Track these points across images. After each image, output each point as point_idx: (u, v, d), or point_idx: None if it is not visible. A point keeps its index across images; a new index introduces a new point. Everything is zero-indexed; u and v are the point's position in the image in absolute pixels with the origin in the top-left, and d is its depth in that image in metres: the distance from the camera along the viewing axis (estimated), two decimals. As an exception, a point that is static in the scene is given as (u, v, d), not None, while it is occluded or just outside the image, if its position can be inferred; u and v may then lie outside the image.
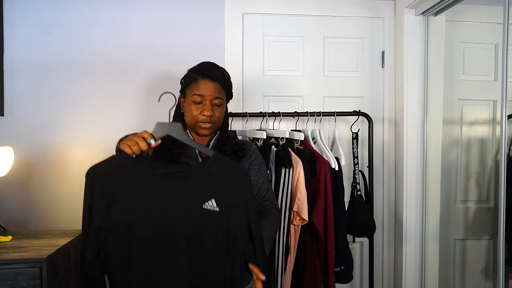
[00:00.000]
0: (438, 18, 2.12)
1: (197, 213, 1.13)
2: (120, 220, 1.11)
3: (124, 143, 1.15)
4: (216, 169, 1.16)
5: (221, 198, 1.14)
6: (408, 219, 2.16)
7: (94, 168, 1.12)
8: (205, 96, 1.37)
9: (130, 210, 1.11)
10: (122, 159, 1.14)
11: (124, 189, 1.11)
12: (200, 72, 1.40)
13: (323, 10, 2.22)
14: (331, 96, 2.25)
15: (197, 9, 2.13)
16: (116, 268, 1.12)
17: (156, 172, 1.13)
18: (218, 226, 1.14)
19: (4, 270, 1.52)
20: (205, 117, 1.36)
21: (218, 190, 1.15)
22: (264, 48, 2.21)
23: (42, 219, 2.04)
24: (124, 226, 1.11)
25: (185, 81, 1.44)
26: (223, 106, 1.42)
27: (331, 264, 1.74)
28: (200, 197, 1.14)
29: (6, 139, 1.98)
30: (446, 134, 2.26)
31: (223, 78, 1.42)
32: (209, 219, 1.13)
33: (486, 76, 2.29)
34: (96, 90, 2.07)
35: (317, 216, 1.72)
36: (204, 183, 1.15)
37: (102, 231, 1.11)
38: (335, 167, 1.81)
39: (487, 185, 2.33)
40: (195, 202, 1.13)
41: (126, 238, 1.11)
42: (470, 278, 2.35)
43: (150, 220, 1.12)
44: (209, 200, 1.13)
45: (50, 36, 2.04)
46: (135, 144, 1.14)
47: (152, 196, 1.12)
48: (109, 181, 1.11)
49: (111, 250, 1.11)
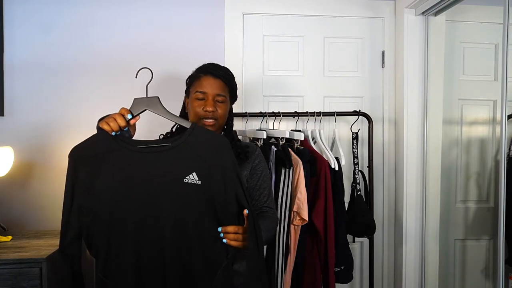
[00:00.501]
0: (438, 18, 2.12)
1: (179, 187, 1.11)
2: (102, 197, 1.10)
3: (103, 121, 1.16)
4: (194, 140, 1.14)
5: (202, 170, 1.12)
6: (408, 219, 2.16)
7: (76, 148, 1.12)
8: (207, 92, 1.37)
9: (111, 187, 1.11)
10: (102, 137, 1.14)
11: (105, 167, 1.11)
12: (203, 70, 1.42)
13: (323, 10, 2.22)
14: (331, 96, 2.25)
15: (197, 9, 2.13)
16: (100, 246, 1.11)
17: (135, 148, 1.13)
18: (202, 199, 1.12)
19: (4, 270, 1.52)
20: (207, 113, 1.36)
21: (198, 162, 1.12)
22: (264, 48, 2.21)
23: (42, 219, 2.03)
24: (106, 203, 1.10)
25: (189, 81, 1.46)
26: (226, 104, 1.42)
27: (331, 264, 1.74)
28: (181, 171, 1.12)
29: (6, 139, 1.98)
30: (446, 134, 2.26)
31: (226, 76, 1.42)
32: (192, 192, 1.11)
33: (486, 76, 2.29)
34: (96, 90, 2.07)
35: (317, 216, 1.72)
36: (184, 157, 1.12)
37: (84, 210, 1.11)
38: (335, 167, 1.81)
39: (487, 185, 2.33)
40: (176, 177, 1.11)
41: (108, 215, 1.10)
42: (470, 278, 2.35)
43: (132, 197, 1.10)
44: (190, 174, 1.11)
45: (50, 36, 2.04)
46: (113, 120, 1.14)
47: (132, 172, 1.11)
48: (90, 159, 1.11)
49: (94, 228, 1.11)
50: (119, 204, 1.10)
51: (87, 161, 1.11)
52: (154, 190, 1.11)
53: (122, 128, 1.16)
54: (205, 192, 1.12)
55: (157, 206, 1.11)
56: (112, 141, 1.13)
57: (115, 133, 1.14)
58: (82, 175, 1.11)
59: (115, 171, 1.11)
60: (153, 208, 1.11)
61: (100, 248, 1.12)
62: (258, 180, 1.44)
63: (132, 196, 1.11)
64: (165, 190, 1.11)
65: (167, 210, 1.11)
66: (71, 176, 1.12)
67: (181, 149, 1.13)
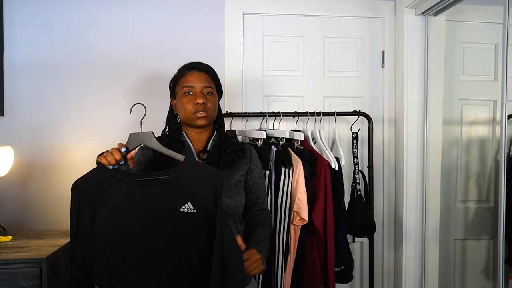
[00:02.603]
0: (438, 18, 2.12)
1: (176, 216, 1.16)
2: (102, 230, 1.15)
3: (101, 156, 1.21)
4: (188, 172, 1.20)
5: (196, 199, 1.17)
6: (408, 219, 2.16)
7: (77, 182, 1.18)
8: (195, 86, 1.38)
9: (111, 220, 1.15)
10: (101, 171, 1.19)
11: (104, 200, 1.16)
12: (186, 67, 1.44)
13: (323, 10, 2.22)
14: (331, 96, 2.25)
15: (197, 9, 2.13)
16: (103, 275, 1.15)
17: (131, 181, 1.17)
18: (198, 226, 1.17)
19: (4, 270, 1.52)
20: (198, 105, 1.36)
21: (192, 192, 1.18)
22: (264, 48, 2.21)
23: (42, 219, 2.03)
24: (106, 236, 1.15)
25: (173, 81, 1.46)
26: (214, 96, 1.42)
27: (331, 264, 1.74)
28: (177, 201, 1.17)
29: (6, 139, 1.98)
30: (446, 134, 2.26)
31: (210, 69, 1.45)
32: (188, 220, 1.16)
33: (486, 76, 2.29)
34: (96, 90, 2.07)
35: (317, 216, 1.72)
36: (179, 188, 1.18)
37: (88, 239, 1.16)
38: (335, 167, 1.81)
39: (487, 185, 2.33)
40: (173, 206, 1.16)
41: (108, 248, 1.15)
42: (470, 278, 2.35)
43: (130, 228, 1.15)
44: (186, 204, 1.16)
45: (50, 36, 2.04)
46: (109, 155, 1.20)
47: (130, 204, 1.16)
48: (91, 193, 1.17)
49: (96, 257, 1.16)
50: (118, 234, 1.15)
51: (88, 194, 1.17)
52: (152, 221, 1.16)
53: (118, 161, 1.20)
54: (200, 220, 1.17)
55: (155, 236, 1.15)
56: (109, 174, 1.18)
57: (112, 167, 1.19)
58: (84, 206, 1.16)
59: (113, 203, 1.16)
60: (152, 238, 1.15)
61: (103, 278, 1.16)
62: (255, 183, 1.45)
63: (131, 227, 1.15)
64: (163, 219, 1.16)
65: (165, 239, 1.16)
66: (75, 208, 1.17)
67: (175, 181, 1.18)
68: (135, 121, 2.05)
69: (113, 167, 1.19)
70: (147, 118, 1.30)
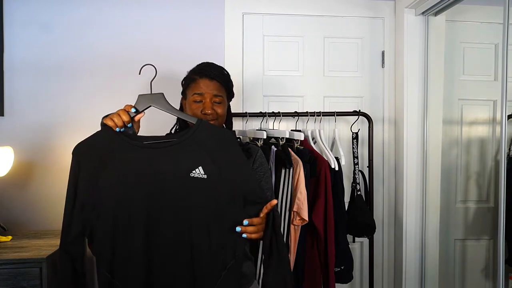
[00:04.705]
0: (438, 18, 2.12)
1: (185, 182, 1.10)
2: (106, 194, 1.09)
3: (108, 117, 1.16)
4: (201, 135, 1.14)
5: (208, 164, 1.11)
6: (408, 219, 2.16)
7: (79, 145, 1.12)
8: (205, 94, 1.38)
9: (116, 184, 1.09)
10: (106, 133, 1.13)
11: (109, 163, 1.10)
12: (198, 72, 1.42)
13: (323, 10, 2.22)
14: (331, 96, 2.25)
15: (197, 9, 2.13)
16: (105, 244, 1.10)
17: (140, 144, 1.12)
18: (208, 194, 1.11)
19: (4, 270, 1.52)
20: (206, 116, 1.36)
21: (205, 157, 1.12)
22: (264, 48, 2.21)
23: (42, 219, 2.03)
24: (111, 200, 1.09)
25: (185, 83, 1.46)
26: (224, 104, 1.42)
27: (331, 264, 1.74)
28: (187, 166, 1.11)
29: (6, 139, 1.98)
30: (446, 134, 2.26)
31: (222, 76, 1.43)
32: (198, 187, 1.10)
33: (486, 76, 2.29)
34: (96, 90, 2.07)
35: (317, 216, 1.72)
36: (190, 151, 1.12)
37: (87, 207, 1.10)
38: (335, 167, 1.81)
39: (487, 185, 2.33)
40: (182, 171, 1.10)
41: (113, 212, 1.09)
42: (470, 278, 2.35)
43: (138, 193, 1.10)
44: (196, 168, 1.10)
45: (50, 36, 2.04)
46: (117, 116, 1.15)
47: (138, 168, 1.10)
48: (94, 156, 1.10)
49: (98, 226, 1.10)
50: (124, 200, 1.09)
51: (91, 158, 1.10)
52: (160, 185, 1.10)
53: (126, 123, 1.15)
54: (211, 186, 1.11)
55: (163, 201, 1.10)
56: (116, 137, 1.12)
57: (119, 129, 1.14)
58: (85, 172, 1.10)
59: (119, 167, 1.10)
60: (160, 203, 1.10)
61: (105, 246, 1.10)
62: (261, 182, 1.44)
63: (138, 192, 1.09)
64: (171, 185, 1.10)
65: (173, 205, 1.10)
66: (74, 173, 1.10)
67: (187, 144, 1.13)
68: (135, 121, 2.07)
69: (120, 129, 1.13)
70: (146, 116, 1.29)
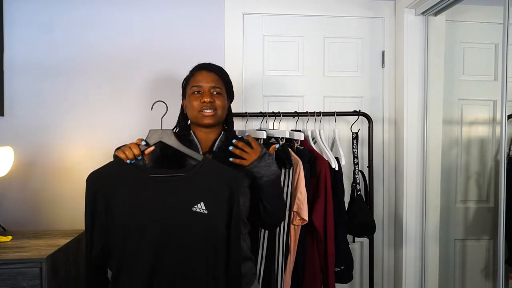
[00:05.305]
0: (438, 18, 2.12)
1: (187, 216, 1.19)
2: (116, 222, 1.18)
3: (120, 150, 1.23)
4: (205, 172, 1.22)
5: (210, 200, 1.20)
6: (408, 219, 2.16)
7: (93, 174, 1.20)
8: (203, 86, 1.39)
9: (124, 211, 1.18)
10: (118, 165, 1.21)
11: (119, 193, 1.19)
12: (197, 67, 1.46)
13: (323, 10, 2.22)
14: (331, 96, 2.25)
15: (197, 9, 2.13)
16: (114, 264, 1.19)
17: (147, 177, 1.20)
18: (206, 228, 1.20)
19: (4, 270, 1.52)
20: (204, 104, 1.37)
21: (207, 193, 1.21)
22: (264, 48, 2.21)
23: (42, 219, 2.04)
24: (120, 225, 1.18)
25: (185, 82, 1.48)
26: (223, 96, 1.42)
27: (331, 264, 1.74)
28: (190, 200, 1.20)
29: (6, 139, 1.98)
30: (446, 134, 2.26)
31: (220, 70, 1.45)
32: (198, 221, 1.19)
33: (486, 76, 2.29)
34: (96, 90, 2.07)
35: (317, 216, 1.72)
36: (194, 187, 1.21)
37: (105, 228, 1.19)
38: (335, 167, 1.81)
39: (487, 185, 2.33)
40: (185, 205, 1.19)
41: (122, 236, 1.18)
42: (470, 278, 2.35)
43: (143, 222, 1.18)
44: (199, 203, 1.19)
45: (50, 36, 2.04)
46: (128, 149, 1.22)
47: (144, 200, 1.19)
48: (107, 185, 1.19)
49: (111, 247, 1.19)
50: (131, 227, 1.18)
51: (103, 186, 1.19)
52: (165, 217, 1.19)
53: (137, 156, 1.22)
54: (210, 220, 1.20)
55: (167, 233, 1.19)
56: (126, 169, 1.20)
57: (130, 161, 1.21)
58: (99, 199, 1.19)
59: (128, 196, 1.19)
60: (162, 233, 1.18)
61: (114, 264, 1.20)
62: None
63: (143, 221, 1.18)
64: (175, 217, 1.19)
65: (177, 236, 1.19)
66: (90, 199, 1.19)
67: (192, 180, 1.21)
68: (135, 120, 2.07)
69: (131, 161, 1.21)
70: (144, 115, 1.31)
